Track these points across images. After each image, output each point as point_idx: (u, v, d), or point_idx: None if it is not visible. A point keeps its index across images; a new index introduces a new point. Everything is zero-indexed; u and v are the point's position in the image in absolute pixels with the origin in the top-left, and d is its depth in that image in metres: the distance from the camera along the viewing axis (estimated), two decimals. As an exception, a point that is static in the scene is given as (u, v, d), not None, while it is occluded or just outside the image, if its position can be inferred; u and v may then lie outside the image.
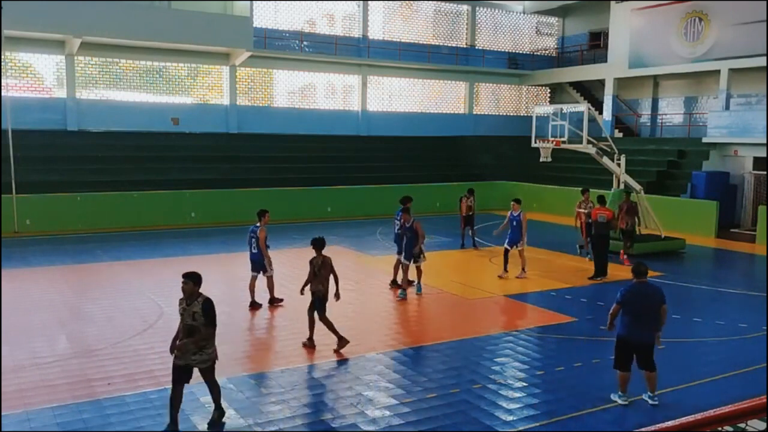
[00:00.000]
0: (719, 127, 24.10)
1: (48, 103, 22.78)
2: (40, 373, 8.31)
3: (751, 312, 12.05)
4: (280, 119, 27.18)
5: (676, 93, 29.60)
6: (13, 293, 11.92)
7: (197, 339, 6.54)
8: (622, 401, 7.60)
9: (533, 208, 27.11)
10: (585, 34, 33.52)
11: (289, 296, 12.18)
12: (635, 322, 7.46)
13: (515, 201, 14.58)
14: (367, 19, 29.25)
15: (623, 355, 7.59)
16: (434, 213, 24.94)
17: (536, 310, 12.05)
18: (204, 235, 19.62)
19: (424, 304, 12.50)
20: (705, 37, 25.32)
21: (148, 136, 23.89)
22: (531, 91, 35.08)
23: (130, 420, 7.03)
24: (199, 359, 6.67)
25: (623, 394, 7.64)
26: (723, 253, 19.00)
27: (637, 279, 7.61)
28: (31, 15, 20.44)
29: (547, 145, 18.17)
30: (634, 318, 7.45)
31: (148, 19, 22.70)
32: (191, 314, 6.57)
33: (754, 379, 8.50)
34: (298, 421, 7.05)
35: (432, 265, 16.09)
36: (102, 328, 10.31)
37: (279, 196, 23.21)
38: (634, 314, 7.44)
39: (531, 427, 7.04)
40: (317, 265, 9.40)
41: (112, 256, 15.59)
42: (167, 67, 25.08)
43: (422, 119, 30.88)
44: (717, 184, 23.00)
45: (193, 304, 6.61)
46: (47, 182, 20.23)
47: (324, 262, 9.42)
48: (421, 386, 8.06)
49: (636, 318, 7.44)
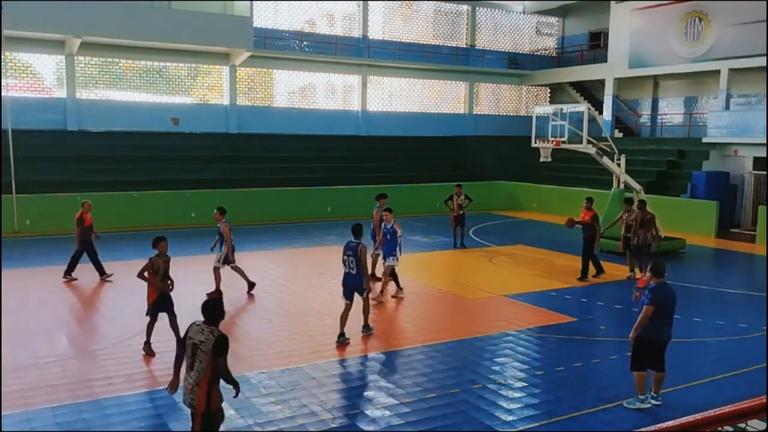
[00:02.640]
0: (719, 127, 24.10)
1: (48, 103, 22.78)
2: (40, 373, 8.31)
3: (751, 312, 12.05)
4: (280, 119, 27.18)
5: (676, 93, 29.60)
6: (13, 293, 11.92)
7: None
8: (647, 404, 7.51)
9: (533, 208, 27.16)
10: (585, 34, 33.52)
11: (290, 296, 12.17)
12: (664, 322, 7.43)
13: (387, 210, 12.51)
14: (367, 19, 29.25)
15: (647, 356, 7.46)
16: (434, 213, 24.95)
17: (536, 310, 12.05)
18: (204, 235, 19.58)
19: (424, 304, 12.49)
20: (705, 37, 25.32)
21: (148, 136, 23.89)
22: (531, 91, 35.08)
23: (130, 420, 7.02)
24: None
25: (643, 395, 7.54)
26: (723, 253, 19.00)
27: (657, 279, 7.46)
28: (31, 15, 20.44)
29: (547, 145, 18.17)
30: (663, 319, 7.40)
31: (148, 19, 22.70)
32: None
33: (754, 379, 8.50)
34: (298, 421, 7.05)
35: (432, 265, 16.13)
36: (102, 328, 10.31)
37: (279, 196, 23.21)
38: (662, 315, 7.38)
39: (531, 427, 7.03)
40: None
41: (112, 256, 15.56)
42: (167, 67, 25.08)
43: (422, 119, 30.89)
44: (717, 184, 22.99)
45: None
46: (47, 182, 20.23)
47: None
48: (421, 386, 8.05)
49: (664, 319, 7.41)
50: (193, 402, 5.41)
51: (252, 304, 12.00)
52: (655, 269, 7.54)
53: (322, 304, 12.11)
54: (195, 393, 5.38)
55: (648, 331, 7.36)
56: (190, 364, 5.47)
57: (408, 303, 12.49)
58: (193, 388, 5.39)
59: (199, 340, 5.44)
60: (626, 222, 14.58)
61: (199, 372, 5.37)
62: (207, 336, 5.43)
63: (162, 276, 9.00)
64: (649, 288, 7.46)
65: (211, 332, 5.45)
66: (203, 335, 5.45)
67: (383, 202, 13.55)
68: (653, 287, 7.42)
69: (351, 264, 9.68)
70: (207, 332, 5.46)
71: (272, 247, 17.82)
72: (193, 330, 5.55)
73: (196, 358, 5.41)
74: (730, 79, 24.88)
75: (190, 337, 5.53)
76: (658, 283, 7.45)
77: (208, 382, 5.38)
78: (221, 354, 5.39)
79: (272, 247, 17.82)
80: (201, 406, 5.38)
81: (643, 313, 7.32)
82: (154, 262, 8.98)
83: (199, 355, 5.39)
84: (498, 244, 18.89)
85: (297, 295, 12.72)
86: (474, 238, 19.93)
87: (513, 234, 21.16)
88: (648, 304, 7.30)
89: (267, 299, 12.34)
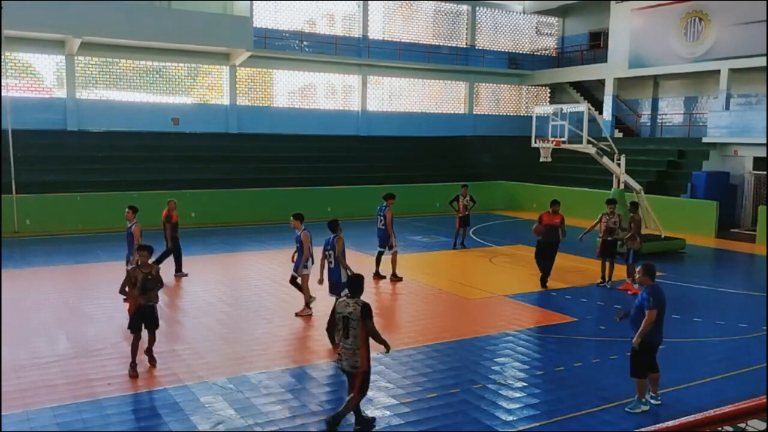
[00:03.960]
0: (719, 127, 24.09)
1: (48, 103, 22.78)
2: (40, 373, 8.31)
3: (751, 312, 12.05)
4: (280, 119, 27.18)
5: (676, 93, 29.60)
6: (13, 293, 11.92)
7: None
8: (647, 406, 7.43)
9: (533, 208, 27.15)
10: (585, 34, 33.52)
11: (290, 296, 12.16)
12: (661, 324, 7.35)
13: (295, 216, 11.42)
14: (367, 19, 29.25)
15: (649, 358, 7.38)
16: (434, 213, 24.95)
17: (536, 310, 12.05)
18: (204, 235, 19.61)
19: (424, 304, 12.49)
20: (705, 37, 25.32)
21: (148, 136, 23.89)
22: (531, 91, 35.08)
23: (130, 420, 7.03)
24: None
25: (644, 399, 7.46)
26: (723, 253, 19.00)
27: (652, 280, 7.33)
28: (31, 15, 20.44)
29: (547, 145, 18.16)
30: (661, 321, 7.33)
31: (148, 19, 22.69)
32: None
33: (754, 379, 8.50)
34: (298, 421, 7.05)
35: (432, 265, 16.12)
36: (102, 328, 10.31)
37: (279, 196, 23.20)
38: (661, 317, 7.30)
39: (531, 427, 7.04)
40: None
41: (112, 256, 15.56)
42: (167, 67, 25.07)
43: (422, 119, 30.89)
44: (717, 184, 22.99)
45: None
46: (47, 182, 20.23)
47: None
48: (421, 386, 8.05)
49: (660, 321, 7.32)
50: (355, 363, 6.50)
51: (252, 304, 12.00)
52: (650, 272, 7.35)
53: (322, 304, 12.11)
54: (357, 355, 6.48)
55: (649, 335, 7.24)
56: (345, 333, 6.52)
57: (408, 303, 12.50)
58: (354, 351, 6.47)
59: (347, 312, 6.52)
60: (607, 225, 13.51)
61: (355, 337, 6.46)
62: (354, 307, 6.52)
63: (141, 288, 8.26)
64: (647, 291, 7.26)
65: (356, 303, 6.55)
66: (350, 307, 6.54)
67: (391, 202, 14.02)
68: (652, 290, 7.24)
69: (331, 258, 10.08)
70: (353, 304, 6.55)
71: (272, 247, 17.83)
72: (340, 305, 6.64)
73: (349, 327, 6.49)
74: (730, 79, 24.88)
75: (339, 311, 6.62)
76: (653, 285, 7.31)
77: (365, 345, 6.51)
78: (369, 318, 6.49)
79: (272, 247, 17.83)
80: (363, 365, 6.54)
81: (648, 318, 7.13)
82: (131, 274, 8.41)
83: (352, 324, 6.47)
84: (498, 244, 18.89)
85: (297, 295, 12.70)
86: (474, 238, 19.93)
87: (513, 234, 21.16)
88: (652, 308, 7.13)
89: (267, 299, 12.35)
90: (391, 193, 14.33)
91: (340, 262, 10.03)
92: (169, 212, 13.93)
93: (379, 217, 14.11)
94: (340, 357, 6.61)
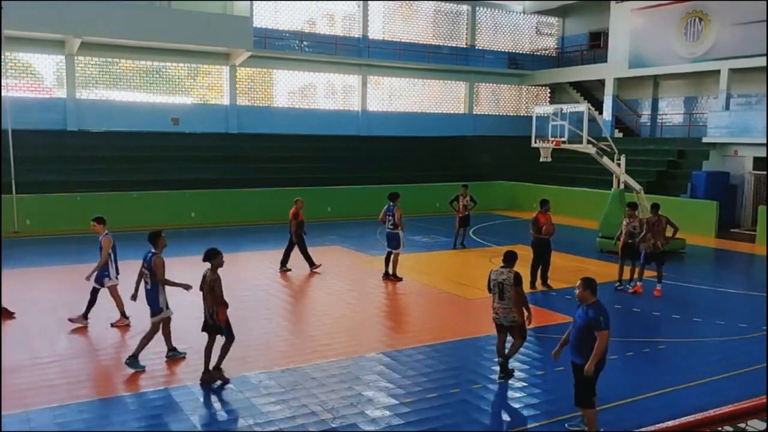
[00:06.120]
0: (719, 127, 24.09)
1: (48, 103, 22.78)
2: (40, 373, 8.31)
3: (751, 312, 12.04)
4: (280, 119, 27.18)
5: (676, 93, 29.60)
6: (13, 293, 11.91)
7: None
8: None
9: (533, 208, 27.10)
10: (585, 34, 33.53)
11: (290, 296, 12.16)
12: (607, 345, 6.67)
13: (96, 220, 10.89)
14: (367, 19, 29.25)
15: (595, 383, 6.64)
16: (434, 213, 24.95)
17: (536, 310, 12.00)
18: (204, 235, 19.60)
19: (424, 304, 12.49)
20: (705, 37, 25.32)
21: (148, 136, 23.89)
22: (531, 91, 35.08)
23: (130, 420, 7.02)
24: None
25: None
26: (723, 253, 19.00)
27: (594, 296, 6.55)
28: (31, 15, 20.44)
29: (547, 145, 18.16)
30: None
31: (148, 19, 22.70)
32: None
33: (754, 379, 8.50)
34: (298, 421, 7.04)
35: (432, 265, 16.12)
36: (102, 328, 10.31)
37: (279, 196, 23.18)
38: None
39: (531, 427, 7.04)
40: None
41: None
42: (167, 67, 25.07)
43: (422, 119, 30.89)
44: (717, 184, 22.98)
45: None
46: (47, 182, 20.23)
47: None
48: (421, 386, 8.05)
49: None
50: (513, 318, 8.00)
51: (252, 304, 11.99)
52: (590, 286, 6.55)
53: (322, 303, 12.12)
54: (513, 312, 7.99)
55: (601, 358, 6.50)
56: (501, 296, 8.01)
57: (408, 303, 12.49)
58: (510, 309, 7.98)
59: (501, 279, 8.00)
60: (627, 229, 13.38)
61: (509, 299, 7.96)
62: (507, 275, 7.98)
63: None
64: (593, 309, 6.44)
65: (509, 271, 8.02)
66: (504, 275, 8.01)
67: (398, 200, 14.04)
68: (598, 308, 6.45)
69: (147, 279, 8.97)
70: (506, 272, 8.02)
71: (272, 247, 17.81)
72: (495, 273, 8.13)
73: (504, 291, 7.97)
74: (730, 79, 24.88)
75: (494, 279, 8.10)
76: (597, 302, 6.54)
77: (517, 305, 7.95)
78: (519, 284, 7.94)
79: (272, 247, 17.81)
80: (520, 319, 8.01)
81: (602, 340, 6.37)
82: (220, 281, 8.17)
83: (506, 289, 7.94)
84: (498, 244, 18.88)
85: (297, 295, 12.71)
86: (474, 238, 19.93)
87: (513, 234, 21.14)
88: (604, 329, 6.35)
89: (267, 299, 12.34)
90: (395, 193, 14.29)
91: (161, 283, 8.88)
92: (297, 211, 14.76)
93: (388, 218, 13.96)
94: (498, 315, 8.08)
